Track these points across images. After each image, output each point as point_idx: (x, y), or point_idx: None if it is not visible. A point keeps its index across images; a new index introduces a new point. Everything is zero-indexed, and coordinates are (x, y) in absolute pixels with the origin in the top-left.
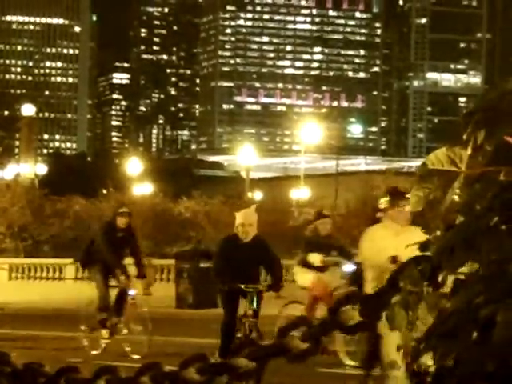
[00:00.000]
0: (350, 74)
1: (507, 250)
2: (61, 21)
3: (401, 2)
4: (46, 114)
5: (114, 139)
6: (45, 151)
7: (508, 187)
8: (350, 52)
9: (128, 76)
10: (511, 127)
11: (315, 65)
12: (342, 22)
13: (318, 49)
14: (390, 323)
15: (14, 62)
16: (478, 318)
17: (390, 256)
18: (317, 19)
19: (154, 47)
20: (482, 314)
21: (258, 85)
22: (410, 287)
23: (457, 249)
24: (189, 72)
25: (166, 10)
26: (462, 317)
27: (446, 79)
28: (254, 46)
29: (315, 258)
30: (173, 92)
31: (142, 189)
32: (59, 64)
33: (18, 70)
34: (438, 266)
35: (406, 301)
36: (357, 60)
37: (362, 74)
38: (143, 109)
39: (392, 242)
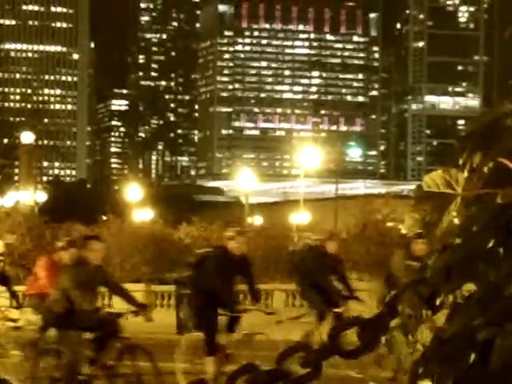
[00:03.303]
0: (349, 97)
1: (504, 272)
2: (59, 48)
3: (398, 26)
4: (46, 142)
5: (114, 166)
6: (44, 179)
7: (505, 210)
8: (349, 76)
9: (127, 102)
10: (506, 150)
11: (314, 89)
12: (339, 46)
13: (316, 73)
14: (389, 347)
15: (12, 89)
16: (475, 341)
17: None
18: (315, 43)
19: (152, 73)
20: (480, 338)
21: (256, 110)
22: (409, 311)
23: (453, 270)
24: (187, 98)
25: (164, 36)
26: (460, 340)
27: (445, 102)
28: (252, 71)
29: None
30: (171, 118)
31: (142, 215)
32: (58, 91)
33: (17, 97)
34: (436, 288)
35: (405, 324)
36: (355, 84)
37: (360, 98)
38: (142, 135)
39: None
